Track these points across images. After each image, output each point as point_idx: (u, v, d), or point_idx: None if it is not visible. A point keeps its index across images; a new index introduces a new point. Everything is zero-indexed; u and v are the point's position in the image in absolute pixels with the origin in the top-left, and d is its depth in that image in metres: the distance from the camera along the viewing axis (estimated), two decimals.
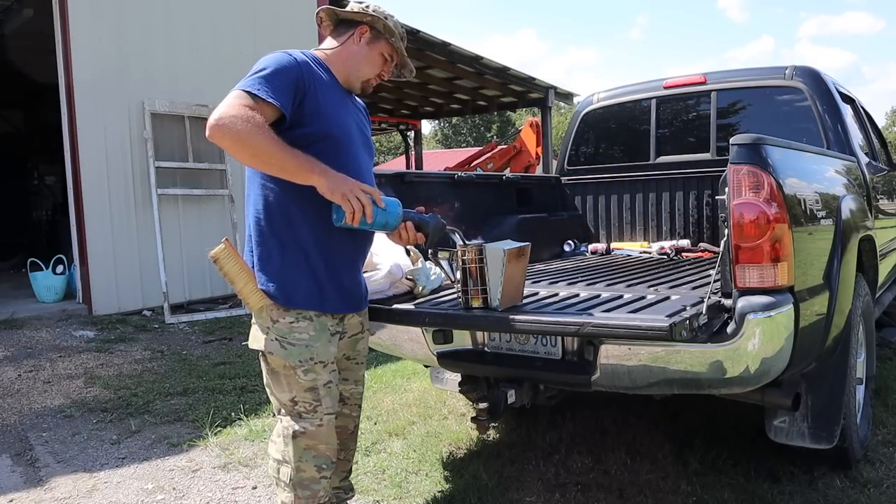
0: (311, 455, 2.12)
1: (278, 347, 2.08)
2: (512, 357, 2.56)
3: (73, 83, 6.55)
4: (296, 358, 2.08)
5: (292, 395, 2.11)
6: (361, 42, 2.21)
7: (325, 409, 2.12)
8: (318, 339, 2.11)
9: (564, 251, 4.15)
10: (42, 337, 5.87)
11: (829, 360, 2.62)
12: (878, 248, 3.41)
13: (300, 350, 2.08)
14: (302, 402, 2.10)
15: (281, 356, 2.08)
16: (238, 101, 1.94)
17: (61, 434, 3.79)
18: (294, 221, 2.07)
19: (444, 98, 15.20)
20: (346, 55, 2.21)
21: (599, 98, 4.51)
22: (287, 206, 2.06)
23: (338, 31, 2.25)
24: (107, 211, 6.73)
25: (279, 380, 2.13)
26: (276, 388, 2.15)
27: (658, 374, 2.20)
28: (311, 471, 2.12)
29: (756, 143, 2.16)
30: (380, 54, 2.25)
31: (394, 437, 3.52)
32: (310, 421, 2.11)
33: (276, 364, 2.11)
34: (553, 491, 2.83)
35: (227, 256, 2.05)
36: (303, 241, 2.08)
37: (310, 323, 2.10)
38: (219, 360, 5.27)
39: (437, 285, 2.72)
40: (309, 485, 2.13)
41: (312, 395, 2.10)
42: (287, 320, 2.08)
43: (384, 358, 4.89)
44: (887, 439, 3.19)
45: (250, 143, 1.91)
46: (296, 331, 2.08)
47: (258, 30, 7.86)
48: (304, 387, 2.09)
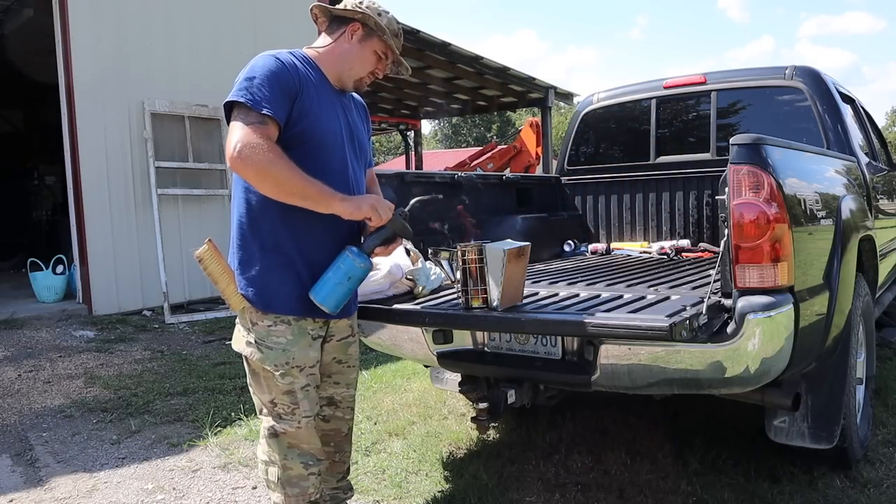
0: (295, 453, 2.13)
1: (255, 350, 2.08)
2: (512, 357, 2.56)
3: (73, 83, 6.56)
4: (272, 362, 2.08)
5: (272, 396, 2.12)
6: (353, 40, 2.18)
7: (303, 412, 2.12)
8: (296, 343, 2.10)
9: (564, 251, 4.15)
10: (42, 337, 5.87)
11: (829, 360, 2.62)
12: (878, 248, 3.41)
13: (277, 354, 2.08)
14: (281, 403, 2.11)
15: (257, 359, 2.09)
16: (250, 126, 1.92)
17: (61, 434, 3.79)
18: (277, 226, 2.06)
19: (444, 98, 15.20)
20: (338, 53, 2.18)
21: (599, 98, 4.51)
22: (270, 210, 2.04)
23: (331, 28, 2.22)
24: (107, 211, 6.73)
25: (259, 381, 2.14)
26: (256, 389, 2.17)
27: (658, 374, 2.20)
28: (298, 468, 2.13)
29: (756, 143, 2.16)
30: (373, 52, 2.20)
31: (394, 437, 3.52)
32: (288, 423, 2.12)
33: (255, 365, 2.12)
34: (553, 491, 2.83)
35: (211, 257, 2.06)
36: (285, 245, 2.07)
37: (288, 327, 2.09)
38: (219, 360, 5.27)
39: (437, 285, 2.72)
40: (297, 482, 2.14)
41: (290, 398, 2.10)
42: (265, 324, 2.08)
43: (384, 358, 4.89)
44: (887, 439, 3.19)
45: (272, 173, 1.93)
46: (273, 334, 2.08)
47: (258, 30, 7.86)
48: (282, 389, 2.10)
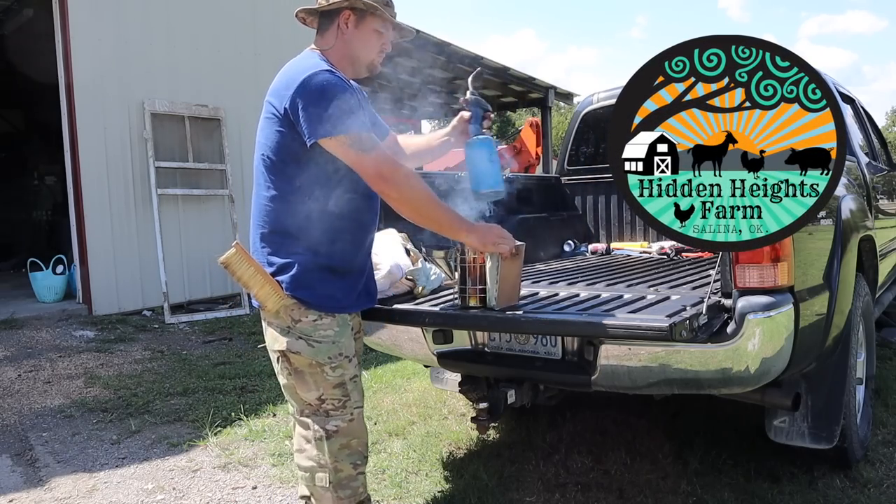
0: (345, 453, 2.10)
1: (305, 346, 2.05)
2: (512, 357, 2.56)
3: (73, 83, 6.55)
4: (325, 355, 2.06)
5: (319, 392, 2.08)
6: (349, 27, 2.13)
7: (354, 402, 2.12)
8: (343, 335, 2.10)
9: (564, 251, 4.15)
10: (42, 337, 5.87)
11: (829, 360, 2.62)
12: (878, 248, 3.40)
13: (328, 347, 2.07)
14: (330, 399, 2.08)
15: (309, 354, 2.05)
16: (381, 149, 2.00)
17: (61, 434, 3.79)
18: (313, 224, 2.05)
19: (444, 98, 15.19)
20: (342, 47, 2.15)
21: (599, 98, 4.51)
22: (308, 208, 2.04)
23: (324, 25, 2.17)
24: (107, 211, 6.73)
25: (304, 379, 2.09)
26: (300, 389, 2.11)
27: (658, 374, 2.20)
28: (349, 469, 2.11)
29: None
30: (372, 31, 2.16)
31: (394, 437, 3.52)
32: (340, 417, 2.09)
33: (300, 363, 2.08)
34: (553, 491, 2.83)
35: (240, 261, 2.02)
36: (323, 242, 2.06)
37: (332, 319, 2.09)
38: (219, 360, 5.27)
39: (437, 285, 2.71)
40: (348, 483, 2.11)
41: (341, 390, 2.09)
42: (310, 319, 2.06)
43: (384, 358, 4.89)
44: (887, 439, 3.19)
45: (414, 196, 2.02)
46: (320, 328, 2.06)
47: (258, 30, 7.86)
48: (332, 383, 2.08)
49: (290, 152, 2.02)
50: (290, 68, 2.08)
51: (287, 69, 2.09)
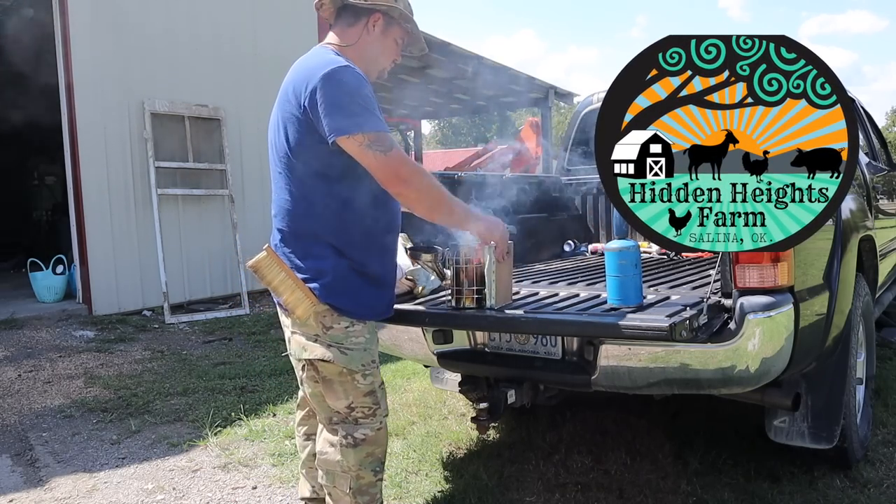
0: (369, 461, 2.09)
1: (338, 354, 2.01)
2: (512, 357, 2.56)
3: (73, 83, 6.55)
4: (358, 362, 2.03)
5: (349, 401, 2.05)
6: (375, 31, 2.10)
7: (383, 411, 2.11)
8: (373, 342, 2.10)
9: (564, 251, 4.15)
10: (42, 337, 5.87)
11: (829, 360, 2.62)
12: (878, 248, 3.40)
13: (360, 354, 2.04)
14: (360, 407, 2.06)
15: (342, 362, 2.01)
16: (398, 149, 1.95)
17: (61, 434, 3.79)
18: (347, 228, 2.01)
19: (444, 98, 15.19)
20: (363, 48, 2.10)
21: (599, 98, 4.49)
22: (341, 215, 2.00)
23: (343, 19, 2.11)
24: (107, 211, 6.73)
25: (333, 387, 2.05)
26: (329, 397, 2.07)
27: (658, 374, 2.20)
28: (369, 476, 2.10)
29: None
30: (393, 40, 2.15)
31: (394, 437, 3.52)
32: (369, 426, 2.07)
33: (329, 371, 2.04)
34: (553, 491, 2.83)
35: (270, 265, 1.96)
36: (357, 249, 2.03)
37: (364, 326, 2.07)
38: (219, 360, 5.27)
39: (437, 285, 2.71)
40: (367, 489, 2.10)
41: (371, 398, 2.07)
42: (342, 325, 2.02)
43: (384, 358, 4.84)
44: (887, 439, 3.19)
45: (430, 195, 2.00)
46: (352, 335, 2.03)
47: (258, 30, 7.85)
48: (362, 391, 2.05)
49: (314, 152, 1.96)
50: (308, 63, 2.01)
51: (303, 64, 2.02)
